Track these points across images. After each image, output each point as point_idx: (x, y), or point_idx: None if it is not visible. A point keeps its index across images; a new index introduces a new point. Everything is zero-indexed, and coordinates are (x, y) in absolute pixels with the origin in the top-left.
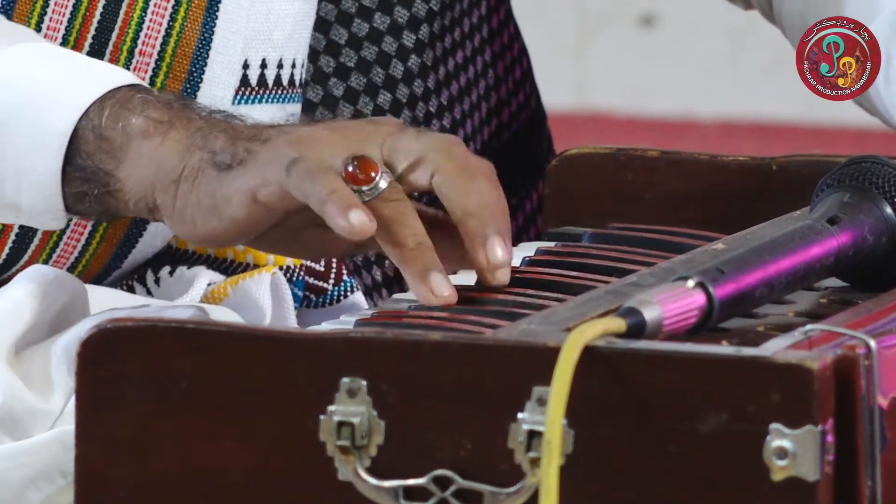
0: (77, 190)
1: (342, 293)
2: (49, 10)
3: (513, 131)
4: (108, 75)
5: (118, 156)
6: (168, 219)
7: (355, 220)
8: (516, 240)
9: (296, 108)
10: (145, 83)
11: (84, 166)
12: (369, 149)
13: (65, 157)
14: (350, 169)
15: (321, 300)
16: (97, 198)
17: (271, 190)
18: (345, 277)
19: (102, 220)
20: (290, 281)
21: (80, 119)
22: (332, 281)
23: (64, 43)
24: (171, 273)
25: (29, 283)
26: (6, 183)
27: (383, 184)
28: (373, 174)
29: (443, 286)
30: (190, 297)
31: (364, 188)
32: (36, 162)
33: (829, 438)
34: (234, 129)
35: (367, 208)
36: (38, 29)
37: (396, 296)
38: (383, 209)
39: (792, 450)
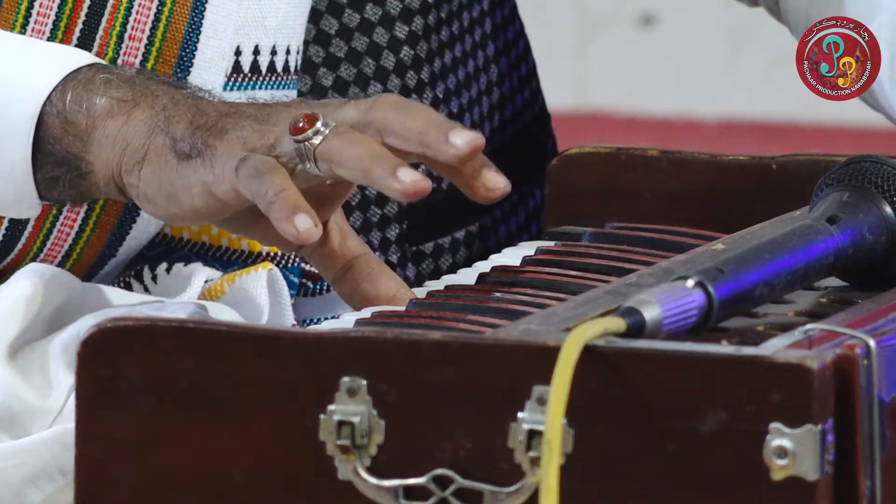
0: (49, 175)
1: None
2: None
3: (517, 128)
4: (66, 57)
5: (84, 138)
6: (135, 199)
7: (300, 225)
8: (518, 237)
9: (290, 94)
10: (104, 61)
11: (53, 152)
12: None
13: (34, 144)
14: (298, 125)
15: (318, 287)
16: (70, 182)
17: (225, 188)
18: None
19: (78, 203)
20: (285, 267)
21: (44, 104)
22: None
23: (54, 28)
24: (167, 270)
25: (26, 281)
26: None
27: (329, 124)
28: (317, 122)
29: (408, 176)
30: (188, 294)
31: (309, 131)
32: (5, 151)
33: (829, 438)
34: (197, 113)
35: (313, 212)
36: (27, 14)
37: None
38: (334, 140)
39: (792, 449)
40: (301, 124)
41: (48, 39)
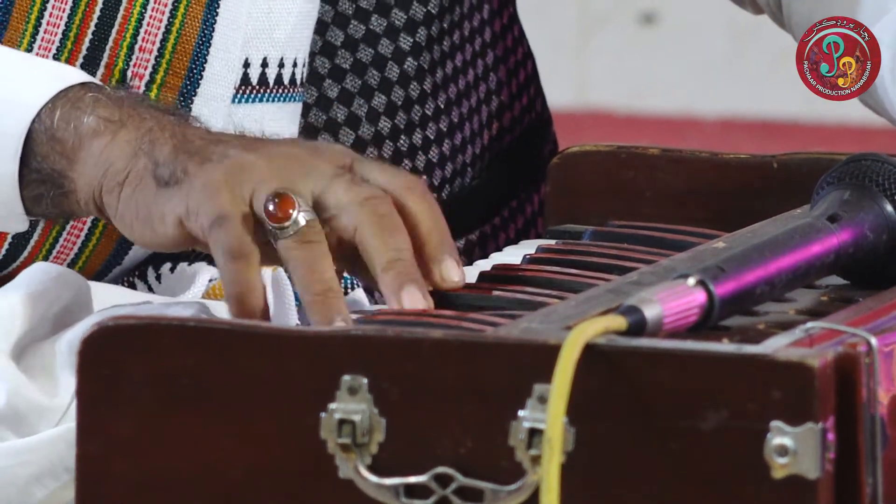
0: (34, 193)
1: (343, 290)
2: (49, 6)
3: (515, 135)
4: (59, 75)
5: (70, 156)
6: (112, 219)
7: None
8: (516, 243)
9: (296, 107)
10: (98, 81)
11: (39, 168)
12: (301, 186)
13: (21, 160)
14: (270, 208)
15: None
16: (53, 199)
17: (196, 225)
18: (345, 274)
19: (61, 220)
20: (290, 278)
21: (33, 121)
22: None
23: (64, 39)
24: (172, 270)
25: (32, 281)
26: None
27: (301, 220)
28: (290, 211)
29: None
30: (191, 293)
31: (284, 224)
32: None
33: (830, 436)
34: (182, 138)
35: (268, 313)
36: (37, 25)
37: None
38: (295, 250)
39: (793, 447)
40: (273, 209)
41: (58, 49)
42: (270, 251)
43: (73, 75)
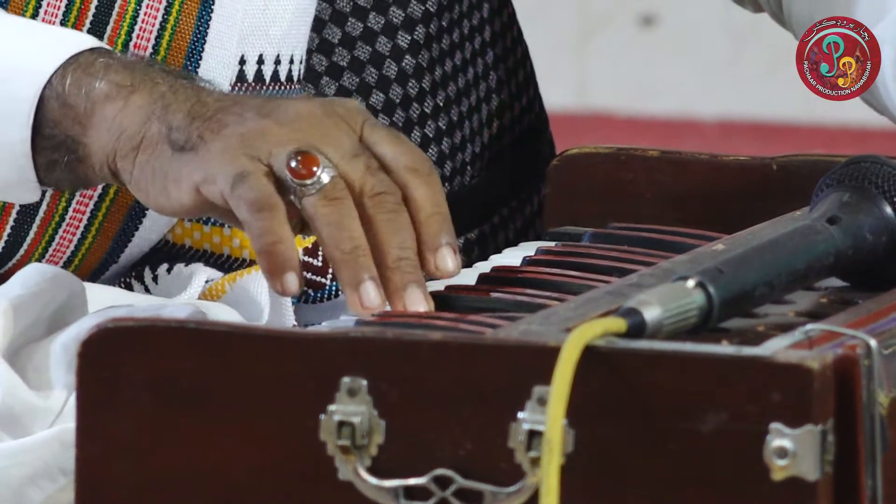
0: (48, 159)
1: (340, 288)
2: (43, 5)
3: (515, 135)
4: (69, 40)
5: (83, 122)
6: (127, 184)
7: (287, 285)
8: (516, 244)
9: None
10: (108, 46)
11: (52, 135)
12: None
13: (34, 127)
14: (293, 165)
15: (318, 295)
16: (67, 165)
17: (214, 190)
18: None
19: (75, 188)
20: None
21: (45, 87)
22: (329, 276)
23: None
24: (168, 270)
25: (27, 282)
26: None
27: (325, 178)
28: (314, 168)
29: (372, 296)
30: (188, 294)
31: (307, 182)
32: (5, 133)
33: (830, 438)
34: (197, 103)
35: (300, 269)
36: None
37: None
38: (323, 207)
39: (792, 449)
40: (297, 166)
41: None
42: (292, 214)
43: (84, 40)
